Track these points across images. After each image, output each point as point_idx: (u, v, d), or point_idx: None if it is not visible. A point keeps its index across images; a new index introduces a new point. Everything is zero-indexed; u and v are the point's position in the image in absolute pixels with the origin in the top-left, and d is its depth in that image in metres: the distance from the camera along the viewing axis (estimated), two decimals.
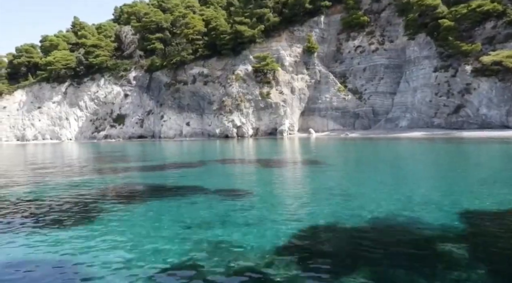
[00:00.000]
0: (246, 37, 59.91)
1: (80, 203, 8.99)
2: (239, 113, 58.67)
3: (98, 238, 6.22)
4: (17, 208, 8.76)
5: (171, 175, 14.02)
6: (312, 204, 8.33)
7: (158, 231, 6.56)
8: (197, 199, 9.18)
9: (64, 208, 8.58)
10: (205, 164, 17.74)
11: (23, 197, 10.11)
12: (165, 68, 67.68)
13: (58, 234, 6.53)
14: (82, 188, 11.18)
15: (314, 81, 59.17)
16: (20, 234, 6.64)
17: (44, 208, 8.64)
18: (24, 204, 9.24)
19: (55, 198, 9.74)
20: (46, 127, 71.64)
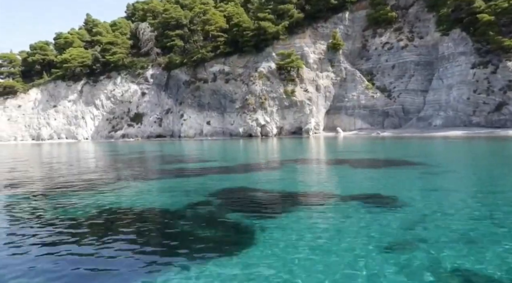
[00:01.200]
0: (270, 33, 58.41)
1: (217, 224, 7.32)
2: (263, 111, 57.16)
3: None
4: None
5: (273, 179, 12.45)
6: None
7: (353, 254, 4.99)
8: (349, 209, 7.59)
9: (202, 229, 7.07)
10: (286, 166, 16.18)
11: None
12: (184, 65, 66.17)
13: (207, 268, 4.76)
14: (199, 204, 9.64)
15: (340, 78, 57.60)
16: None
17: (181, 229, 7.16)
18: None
19: (184, 213, 8.24)
20: (62, 126, 70.17)
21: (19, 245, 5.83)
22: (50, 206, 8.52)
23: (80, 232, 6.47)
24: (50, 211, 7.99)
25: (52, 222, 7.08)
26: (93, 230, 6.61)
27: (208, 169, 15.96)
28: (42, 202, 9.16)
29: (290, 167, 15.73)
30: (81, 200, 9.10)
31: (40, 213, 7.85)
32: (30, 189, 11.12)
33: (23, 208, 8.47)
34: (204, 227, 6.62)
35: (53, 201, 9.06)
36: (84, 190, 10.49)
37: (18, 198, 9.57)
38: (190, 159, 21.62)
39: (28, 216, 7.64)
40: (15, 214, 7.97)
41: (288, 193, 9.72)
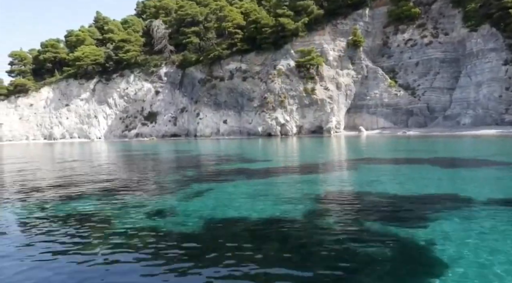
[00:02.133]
0: (289, 30, 57.06)
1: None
2: (283, 110, 55.88)
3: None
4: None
5: (372, 181, 11.17)
6: None
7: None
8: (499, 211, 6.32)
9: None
10: (361, 166, 14.82)
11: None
12: (200, 63, 64.91)
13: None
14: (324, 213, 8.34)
15: (361, 76, 56.27)
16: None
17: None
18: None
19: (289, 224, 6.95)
20: (74, 125, 69.01)
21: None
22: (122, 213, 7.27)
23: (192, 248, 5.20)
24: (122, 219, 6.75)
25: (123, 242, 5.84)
26: (210, 245, 5.31)
27: (275, 169, 14.69)
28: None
29: (367, 166, 14.43)
30: (174, 208, 7.83)
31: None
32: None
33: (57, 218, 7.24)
34: (354, 241, 5.28)
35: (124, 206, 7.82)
36: (158, 194, 9.23)
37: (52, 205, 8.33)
38: (241, 159, 20.30)
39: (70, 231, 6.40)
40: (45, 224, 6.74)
41: (412, 196, 8.42)
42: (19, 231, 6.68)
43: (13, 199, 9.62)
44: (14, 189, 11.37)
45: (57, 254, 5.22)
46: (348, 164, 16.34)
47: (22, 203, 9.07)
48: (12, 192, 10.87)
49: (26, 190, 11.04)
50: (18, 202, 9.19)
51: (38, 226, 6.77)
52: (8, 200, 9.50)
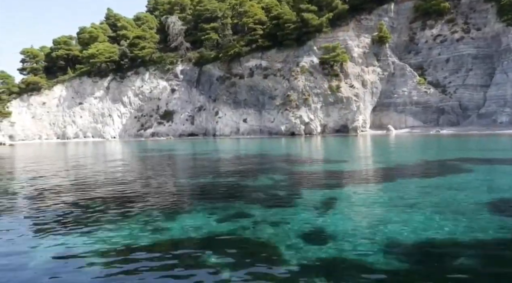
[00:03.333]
0: (313, 26, 55.21)
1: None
2: (307, 108, 54.03)
3: None
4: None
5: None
6: None
7: None
8: None
9: None
10: (467, 168, 13.06)
11: None
12: (218, 60, 63.07)
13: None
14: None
15: (387, 73, 54.45)
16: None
17: None
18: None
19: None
20: (88, 124, 67.17)
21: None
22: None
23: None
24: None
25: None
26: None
27: (374, 171, 12.83)
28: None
29: (478, 169, 12.53)
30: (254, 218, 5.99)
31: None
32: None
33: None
34: None
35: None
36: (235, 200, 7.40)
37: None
38: (313, 159, 18.43)
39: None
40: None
41: None
42: (32, 232, 6.25)
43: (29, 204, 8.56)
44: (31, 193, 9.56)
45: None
46: (452, 164, 14.45)
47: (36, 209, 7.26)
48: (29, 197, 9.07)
49: (41, 195, 9.23)
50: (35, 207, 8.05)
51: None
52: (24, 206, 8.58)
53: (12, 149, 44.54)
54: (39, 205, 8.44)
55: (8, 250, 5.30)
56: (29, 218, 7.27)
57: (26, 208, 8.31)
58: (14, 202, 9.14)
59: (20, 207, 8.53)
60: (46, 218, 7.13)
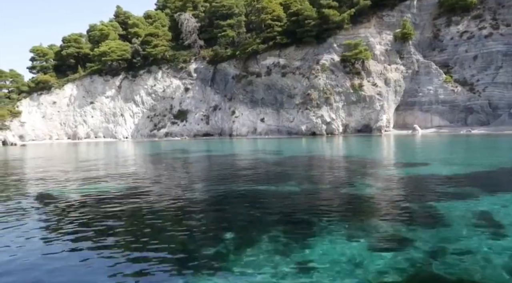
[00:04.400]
0: (334, 22, 53.49)
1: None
2: (328, 107, 52.28)
3: None
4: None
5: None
6: None
7: None
8: None
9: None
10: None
11: None
12: (233, 58, 61.35)
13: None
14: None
15: (411, 71, 52.66)
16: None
17: None
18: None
19: None
20: (99, 124, 65.45)
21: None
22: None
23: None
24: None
25: None
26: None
27: (473, 176, 11.08)
28: None
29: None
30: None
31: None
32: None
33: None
34: None
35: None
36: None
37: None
38: (395, 163, 16.70)
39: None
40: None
41: None
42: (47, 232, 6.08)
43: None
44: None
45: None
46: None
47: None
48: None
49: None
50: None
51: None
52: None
53: (25, 150, 42.76)
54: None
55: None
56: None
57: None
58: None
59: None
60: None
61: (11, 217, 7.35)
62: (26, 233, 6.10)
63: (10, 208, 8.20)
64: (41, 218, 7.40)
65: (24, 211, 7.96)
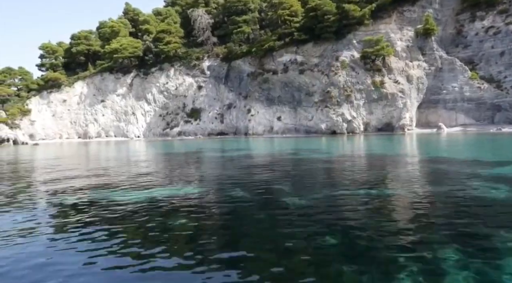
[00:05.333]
0: (354, 18, 51.93)
1: None
2: (349, 105, 50.71)
3: None
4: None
5: None
6: None
7: None
8: None
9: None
10: None
11: None
12: (248, 55, 59.83)
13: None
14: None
15: (434, 68, 51.04)
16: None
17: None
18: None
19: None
20: (110, 123, 63.99)
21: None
22: None
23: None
24: None
25: None
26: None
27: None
28: None
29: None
30: None
31: None
32: None
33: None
34: None
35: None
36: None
37: None
38: (476, 163, 15.12)
39: None
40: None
41: None
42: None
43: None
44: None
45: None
46: None
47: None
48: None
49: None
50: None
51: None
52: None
53: (38, 149, 41.16)
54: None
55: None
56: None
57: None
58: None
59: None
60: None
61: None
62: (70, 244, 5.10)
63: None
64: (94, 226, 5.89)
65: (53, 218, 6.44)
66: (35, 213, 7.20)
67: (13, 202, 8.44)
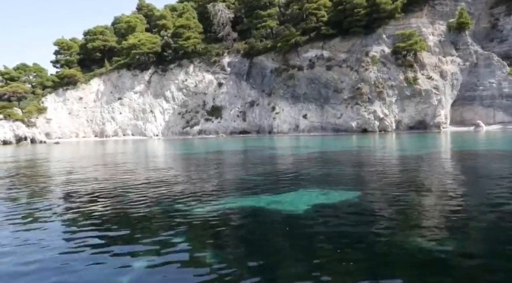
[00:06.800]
0: (385, 11, 49.97)
1: None
2: (381, 102, 48.76)
3: None
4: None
5: None
6: None
7: None
8: None
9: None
10: None
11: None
12: (270, 51, 57.86)
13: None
14: None
15: (469, 64, 49.09)
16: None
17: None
18: None
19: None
20: (128, 121, 62.04)
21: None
22: None
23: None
24: None
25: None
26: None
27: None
28: None
29: None
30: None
31: None
32: None
33: None
34: None
35: None
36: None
37: None
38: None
39: None
40: None
41: None
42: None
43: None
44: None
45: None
46: None
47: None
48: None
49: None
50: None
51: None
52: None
53: (62, 148, 39.18)
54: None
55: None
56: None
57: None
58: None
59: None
60: None
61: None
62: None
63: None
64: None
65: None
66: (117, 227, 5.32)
67: (109, 218, 6.55)
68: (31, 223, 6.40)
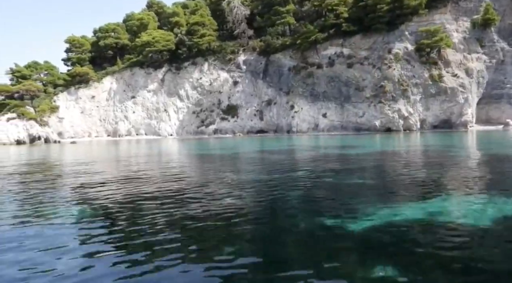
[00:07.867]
0: (409, 7, 48.71)
1: None
2: (405, 100, 47.46)
3: None
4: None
5: None
6: None
7: None
8: None
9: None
10: None
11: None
12: (288, 49, 56.57)
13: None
14: None
15: (496, 61, 47.86)
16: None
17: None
18: None
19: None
20: (141, 120, 60.68)
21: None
22: None
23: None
24: None
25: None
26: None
27: None
28: None
29: None
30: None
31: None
32: None
33: None
34: None
35: None
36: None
37: None
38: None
39: None
40: None
41: None
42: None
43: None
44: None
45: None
46: None
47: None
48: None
49: None
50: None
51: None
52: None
53: (83, 149, 37.79)
54: None
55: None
56: None
57: None
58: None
59: None
60: None
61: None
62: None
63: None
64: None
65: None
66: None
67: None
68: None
